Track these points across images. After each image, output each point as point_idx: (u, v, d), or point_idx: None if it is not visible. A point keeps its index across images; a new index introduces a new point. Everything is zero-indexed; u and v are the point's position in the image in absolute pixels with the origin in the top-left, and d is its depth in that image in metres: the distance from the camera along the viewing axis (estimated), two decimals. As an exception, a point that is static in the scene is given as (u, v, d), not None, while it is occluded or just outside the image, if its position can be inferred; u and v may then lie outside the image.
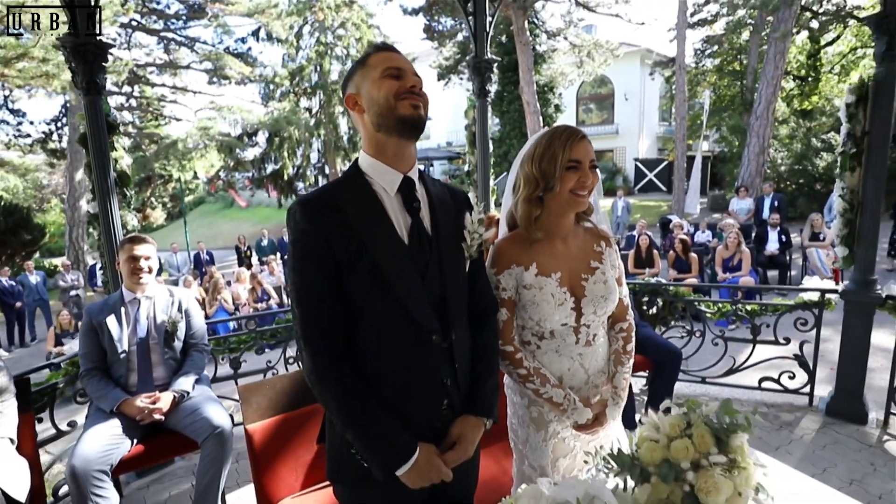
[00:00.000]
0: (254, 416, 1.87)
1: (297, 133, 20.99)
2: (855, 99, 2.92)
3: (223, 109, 19.30)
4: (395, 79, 1.11)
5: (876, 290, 2.99)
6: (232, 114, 19.69)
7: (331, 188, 1.16)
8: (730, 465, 1.12)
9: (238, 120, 19.99)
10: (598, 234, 1.47)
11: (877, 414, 3.10)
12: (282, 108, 20.74)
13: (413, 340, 1.14)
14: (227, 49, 20.02)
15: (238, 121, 20.04)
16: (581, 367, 1.42)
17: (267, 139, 21.47)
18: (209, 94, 19.99)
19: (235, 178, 25.58)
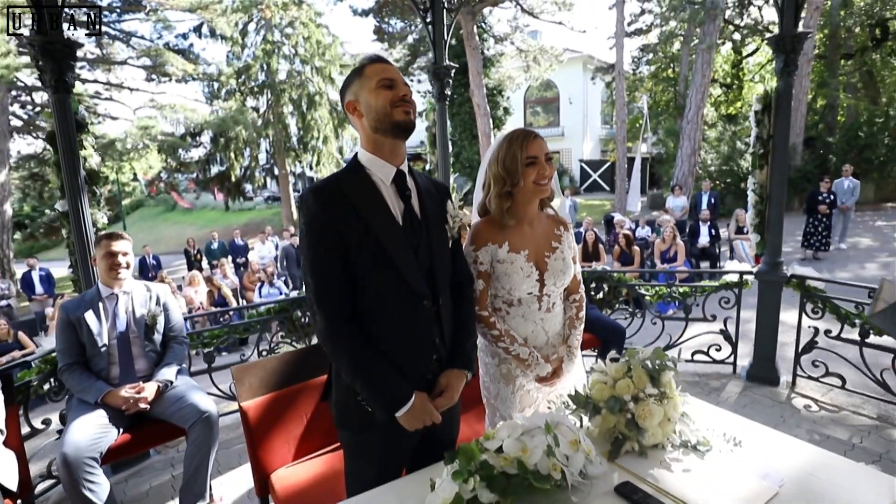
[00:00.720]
0: (247, 395, 2.03)
1: (245, 133, 20.39)
2: (761, 107, 3.40)
3: (165, 108, 18.47)
4: (388, 89, 1.33)
5: (782, 271, 3.48)
6: (175, 113, 18.90)
7: (337, 178, 1.38)
8: (661, 396, 1.42)
9: (181, 119, 19.21)
10: (558, 220, 1.76)
11: (785, 376, 3.60)
12: (228, 108, 20.07)
13: (408, 305, 1.37)
14: (168, 45, 19.22)
15: (181, 120, 19.26)
16: (542, 330, 1.70)
17: (212, 139, 20.70)
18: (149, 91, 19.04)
19: (178, 179, 24.56)
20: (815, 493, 1.24)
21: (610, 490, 1.26)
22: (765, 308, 3.54)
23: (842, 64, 17.82)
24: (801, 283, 3.43)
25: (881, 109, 16.57)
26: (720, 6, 13.39)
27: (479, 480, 1.15)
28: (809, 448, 1.44)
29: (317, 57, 21.34)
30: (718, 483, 1.27)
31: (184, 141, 20.01)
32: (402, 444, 1.43)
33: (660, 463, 1.37)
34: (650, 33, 20.75)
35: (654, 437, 1.40)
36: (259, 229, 23.40)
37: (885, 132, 16.02)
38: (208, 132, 20.49)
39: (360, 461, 1.45)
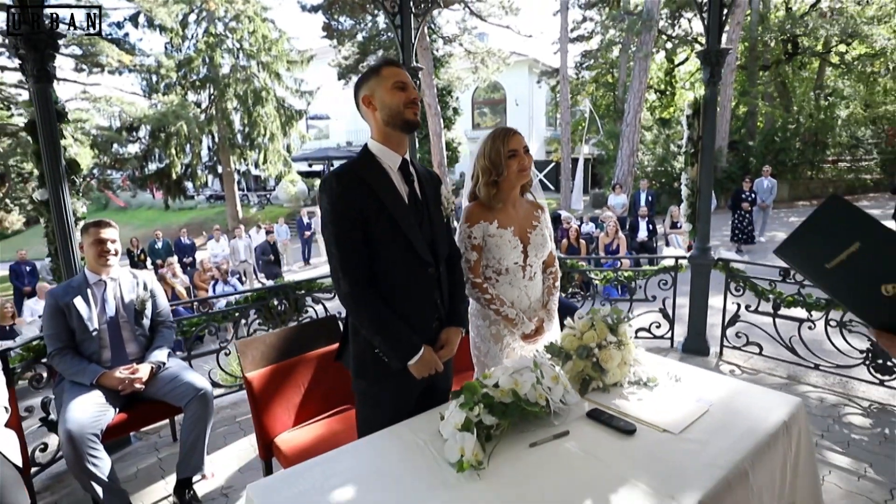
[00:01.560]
0: (250, 367, 2.20)
1: (186, 129, 19.54)
2: (692, 112, 3.90)
3: (100, 100, 17.41)
4: (402, 90, 1.59)
5: (711, 255, 4.00)
6: (110, 105, 17.85)
7: (353, 165, 1.61)
8: (619, 343, 1.75)
9: (117, 112, 18.18)
10: (536, 204, 2.08)
11: (714, 347, 4.13)
12: (168, 102, 19.19)
13: (417, 272, 1.63)
14: (101, 33, 18.14)
15: (117, 113, 18.24)
16: (526, 296, 2.01)
17: (150, 134, 19.69)
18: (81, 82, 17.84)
19: (111, 176, 23.19)
20: (735, 408, 1.61)
21: (583, 415, 1.58)
22: (696, 288, 4.04)
23: (760, 75, 19.57)
24: (726, 265, 3.96)
25: (793, 117, 18.37)
26: (655, 17, 14.39)
27: (482, 408, 1.43)
28: (729, 380, 1.83)
29: (263, 52, 20.83)
30: (664, 406, 1.62)
31: (120, 135, 18.95)
32: (410, 391, 1.68)
33: (619, 395, 1.70)
34: (591, 40, 21.86)
35: (614, 377, 1.74)
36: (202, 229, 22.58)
37: (796, 137, 17.79)
38: (146, 127, 19.49)
39: (374, 408, 1.69)
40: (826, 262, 1.08)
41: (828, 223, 1.04)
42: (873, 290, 1.02)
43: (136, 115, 18.56)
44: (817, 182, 18.43)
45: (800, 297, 3.58)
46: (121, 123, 18.81)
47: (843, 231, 1.02)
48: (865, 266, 1.01)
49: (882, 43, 17.17)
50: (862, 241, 1.00)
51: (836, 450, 2.73)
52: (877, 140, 18.47)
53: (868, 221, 1.00)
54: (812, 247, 1.10)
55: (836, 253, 1.05)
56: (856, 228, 1.01)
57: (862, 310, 1.10)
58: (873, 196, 17.40)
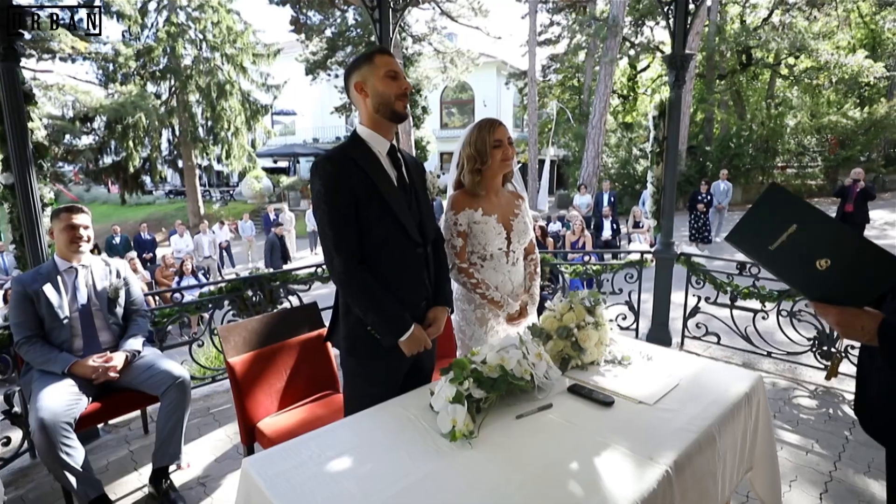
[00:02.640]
0: (233, 352, 2.20)
1: (145, 121, 18.78)
2: (658, 113, 4.10)
3: (52, 88, 16.53)
4: (394, 80, 1.63)
5: (674, 250, 4.21)
6: (63, 94, 16.98)
7: (344, 148, 1.65)
8: (596, 324, 1.86)
9: (71, 102, 17.30)
10: (517, 194, 2.17)
11: (676, 338, 4.35)
12: (126, 92, 18.40)
13: (407, 251, 1.69)
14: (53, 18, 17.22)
15: (70, 103, 17.36)
16: (509, 280, 2.10)
17: (106, 126, 18.82)
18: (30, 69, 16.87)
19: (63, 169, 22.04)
20: (702, 383, 1.74)
21: (564, 390, 1.68)
22: (660, 281, 4.25)
23: (717, 83, 20.50)
24: (688, 259, 4.18)
25: (746, 124, 19.34)
26: (620, 23, 14.86)
27: (472, 382, 1.50)
28: (697, 359, 1.96)
29: (227, 44, 20.27)
30: (639, 381, 1.74)
31: (73, 125, 18.04)
32: (398, 368, 1.74)
33: (597, 373, 1.81)
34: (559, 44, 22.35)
35: (591, 355, 1.84)
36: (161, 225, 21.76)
37: (749, 144, 18.74)
38: (102, 118, 18.63)
39: (364, 385, 1.73)
40: (769, 244, 1.22)
41: (769, 209, 1.19)
42: (810, 266, 1.16)
43: (91, 105, 17.71)
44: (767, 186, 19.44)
45: (755, 289, 3.82)
46: (74, 113, 17.91)
47: (782, 215, 1.17)
48: (802, 245, 1.16)
49: (826, 57, 18.30)
50: (798, 222, 1.15)
51: (787, 428, 2.94)
52: (821, 148, 19.66)
53: (802, 205, 1.15)
54: (757, 231, 1.24)
55: (778, 235, 1.19)
56: (793, 212, 1.16)
57: (802, 284, 1.24)
58: (817, 200, 18.49)
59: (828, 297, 1.18)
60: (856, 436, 2.83)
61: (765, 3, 20.33)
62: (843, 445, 2.76)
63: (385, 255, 1.65)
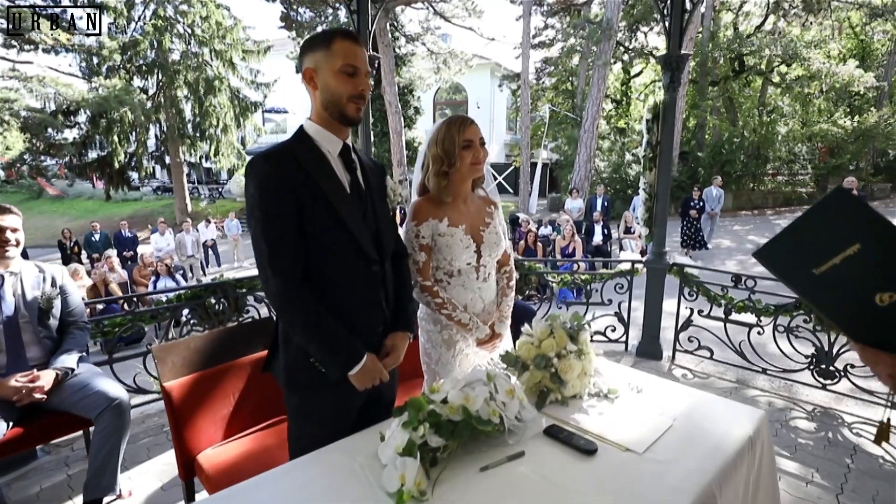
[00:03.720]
0: (170, 375, 1.94)
1: (131, 115, 18.35)
2: (651, 116, 3.89)
3: (32, 80, 16.07)
4: (350, 76, 1.38)
5: (666, 260, 4.00)
6: (44, 86, 16.53)
7: (287, 146, 1.41)
8: (579, 352, 1.63)
9: (52, 94, 16.85)
10: (488, 200, 1.94)
11: (667, 351, 4.14)
12: (110, 86, 17.96)
13: (359, 269, 1.44)
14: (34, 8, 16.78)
15: (52, 95, 16.90)
16: (479, 298, 1.86)
17: (90, 120, 18.38)
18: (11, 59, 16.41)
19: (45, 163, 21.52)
20: (700, 423, 1.51)
21: (540, 432, 1.44)
22: (651, 293, 4.04)
23: (709, 89, 20.45)
24: (680, 270, 3.97)
25: (738, 131, 19.31)
26: (614, 27, 14.72)
27: (427, 427, 1.26)
28: (691, 391, 1.74)
29: (216, 39, 19.93)
30: (626, 421, 1.50)
31: (55, 119, 17.57)
32: (349, 404, 1.49)
33: (579, 409, 1.58)
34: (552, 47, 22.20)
35: (573, 388, 1.61)
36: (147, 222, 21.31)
37: (741, 150, 18.70)
38: (86, 111, 18.18)
39: (308, 423, 1.48)
40: (815, 266, 0.96)
41: (828, 220, 0.92)
42: (865, 300, 0.91)
43: (73, 98, 17.26)
44: (758, 193, 19.46)
45: (750, 302, 3.62)
46: (56, 106, 17.45)
47: (843, 230, 0.90)
48: (861, 271, 0.89)
49: (818, 66, 18.32)
50: (863, 242, 0.88)
51: (784, 454, 2.73)
52: (811, 156, 19.69)
53: (876, 220, 0.87)
54: (803, 247, 0.97)
55: (830, 255, 0.92)
56: (859, 228, 0.88)
57: (849, 322, 0.98)
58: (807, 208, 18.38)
59: (886, 341, 0.92)
60: (857, 464, 2.63)
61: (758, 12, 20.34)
62: (844, 476, 2.55)
63: (333, 273, 1.41)
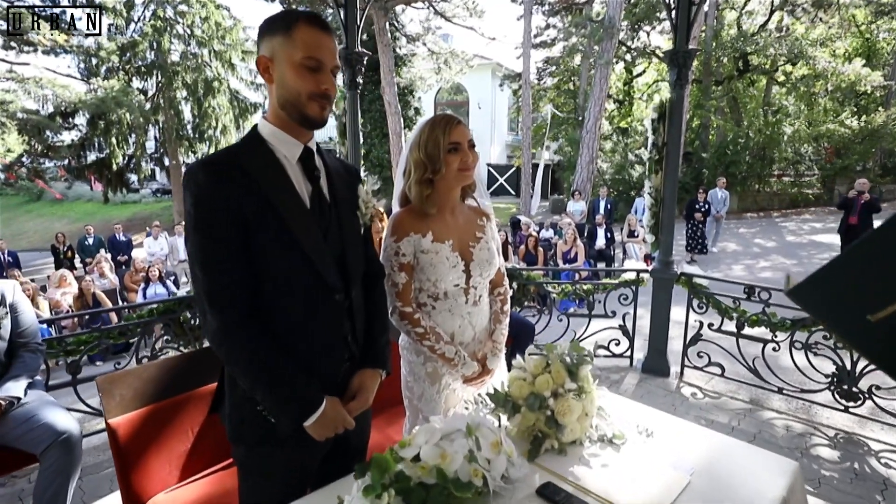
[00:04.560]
0: (117, 410, 1.72)
1: (130, 117, 18.20)
2: (657, 115, 3.65)
3: (28, 81, 15.92)
4: (312, 72, 1.14)
5: (673, 269, 3.76)
6: (41, 88, 16.38)
7: (233, 151, 1.18)
8: (579, 391, 1.39)
9: (49, 96, 16.70)
10: (480, 211, 1.70)
11: (675, 367, 3.89)
12: (109, 87, 17.81)
13: (318, 298, 1.21)
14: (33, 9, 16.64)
15: (49, 97, 16.75)
16: (469, 325, 1.63)
17: (88, 122, 18.25)
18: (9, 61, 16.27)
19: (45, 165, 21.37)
20: (722, 478, 1.28)
21: (531, 493, 1.21)
22: (658, 304, 3.80)
23: (713, 89, 20.17)
24: (689, 280, 3.73)
25: (743, 131, 19.01)
26: (617, 25, 14.48)
27: (393, 495, 1.04)
28: (711, 434, 1.50)
29: (216, 40, 19.80)
30: (635, 476, 1.27)
31: (52, 121, 17.43)
32: (307, 457, 1.26)
33: (579, 459, 1.34)
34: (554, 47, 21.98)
35: (572, 434, 1.38)
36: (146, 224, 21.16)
37: (746, 151, 18.41)
38: (84, 113, 18.03)
39: (258, 480, 1.26)
40: (871, 311, 0.73)
41: (891, 253, 0.70)
42: None
43: (70, 100, 17.10)
44: (764, 195, 19.18)
45: (764, 316, 3.38)
46: (54, 108, 17.30)
47: None
48: None
49: (823, 65, 18.04)
50: None
51: (808, 489, 2.49)
52: (817, 157, 19.38)
53: None
54: (854, 288, 0.75)
55: (893, 299, 0.70)
56: None
57: None
58: (814, 210, 18.24)
59: None
60: (889, 501, 2.39)
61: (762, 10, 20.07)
62: (874, 513, 2.32)
63: (286, 304, 1.19)
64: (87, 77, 18.67)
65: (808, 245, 12.19)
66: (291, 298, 1.18)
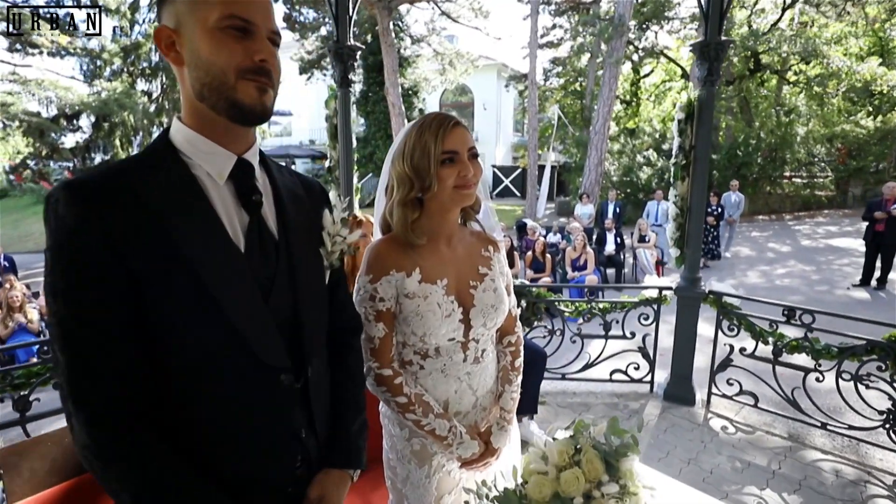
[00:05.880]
0: (25, 489, 1.36)
1: (134, 119, 18.02)
2: (684, 116, 3.27)
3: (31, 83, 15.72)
4: (239, 36, 0.79)
5: (701, 287, 3.38)
6: (43, 90, 16.17)
7: (124, 167, 0.81)
8: (622, 491, 1.02)
9: (52, 98, 16.48)
10: (485, 238, 1.32)
11: (701, 394, 3.51)
12: (112, 89, 17.61)
13: (254, 383, 0.85)
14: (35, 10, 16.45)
15: (52, 99, 16.54)
16: (469, 389, 1.25)
17: (93, 124, 18.09)
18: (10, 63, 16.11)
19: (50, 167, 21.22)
20: None
21: None
22: (683, 325, 3.43)
23: (724, 89, 19.70)
24: (718, 299, 3.35)
25: (755, 132, 18.53)
26: (626, 23, 14.09)
27: None
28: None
29: (219, 41, 19.68)
30: None
31: (56, 123, 17.25)
32: None
33: (622, 591, 0.97)
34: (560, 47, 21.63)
35: (611, 550, 1.01)
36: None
37: (758, 152, 17.93)
38: (88, 115, 17.87)
39: None
40: None
41: None
42: None
43: (72, 102, 16.91)
44: (775, 197, 18.70)
45: (807, 342, 2.99)
46: (57, 110, 17.11)
47: None
48: None
49: (837, 64, 17.55)
50: None
51: (873, 558, 2.11)
52: (830, 158, 18.89)
53: None
54: None
55: None
56: None
57: None
58: (828, 213, 17.78)
59: None
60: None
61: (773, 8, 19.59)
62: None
63: (208, 394, 0.83)
64: (90, 79, 18.50)
65: (824, 250, 11.73)
66: (212, 387, 0.82)
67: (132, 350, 0.76)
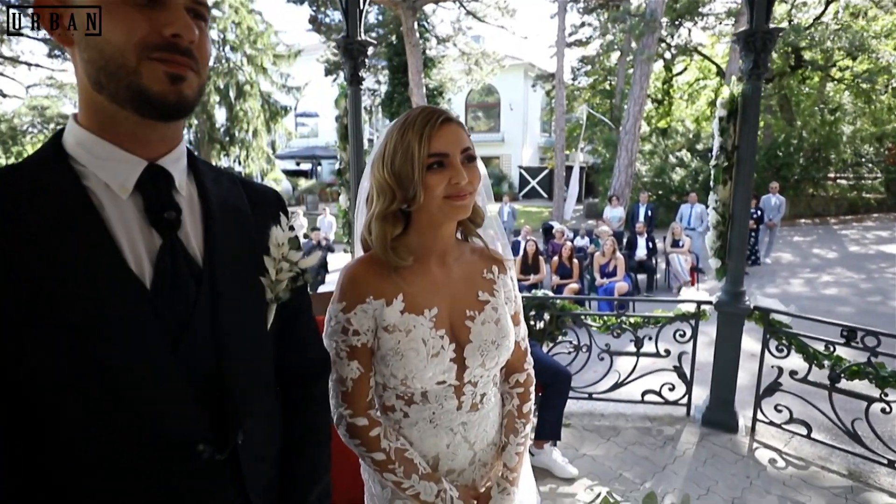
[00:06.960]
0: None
1: (169, 119, 18.49)
2: (726, 113, 2.96)
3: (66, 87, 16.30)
4: (143, 4, 0.59)
5: (745, 301, 3.05)
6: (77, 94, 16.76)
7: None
8: None
9: (84, 101, 17.09)
10: (489, 256, 1.08)
11: (744, 420, 3.17)
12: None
13: (160, 461, 0.64)
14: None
15: (85, 102, 17.14)
16: (465, 442, 1.02)
17: (126, 126, 18.63)
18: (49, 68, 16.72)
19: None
20: None
21: None
22: (725, 343, 3.10)
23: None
24: (765, 316, 3.01)
25: (797, 131, 17.63)
26: (658, 19, 13.57)
27: None
28: None
29: (248, 44, 20.02)
30: None
31: (88, 126, 17.85)
32: None
33: None
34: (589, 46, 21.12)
35: None
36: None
37: (799, 153, 17.05)
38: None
39: None
40: None
41: None
42: None
43: (105, 105, 17.46)
44: (819, 199, 17.74)
45: (870, 367, 2.64)
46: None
47: None
48: None
49: (887, 59, 16.55)
50: None
51: None
52: (879, 158, 17.81)
53: None
54: None
55: None
56: None
57: None
58: (877, 216, 16.75)
59: None
60: None
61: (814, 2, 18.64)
62: None
63: (97, 475, 0.62)
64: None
65: (875, 256, 10.98)
66: (101, 465, 0.62)
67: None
